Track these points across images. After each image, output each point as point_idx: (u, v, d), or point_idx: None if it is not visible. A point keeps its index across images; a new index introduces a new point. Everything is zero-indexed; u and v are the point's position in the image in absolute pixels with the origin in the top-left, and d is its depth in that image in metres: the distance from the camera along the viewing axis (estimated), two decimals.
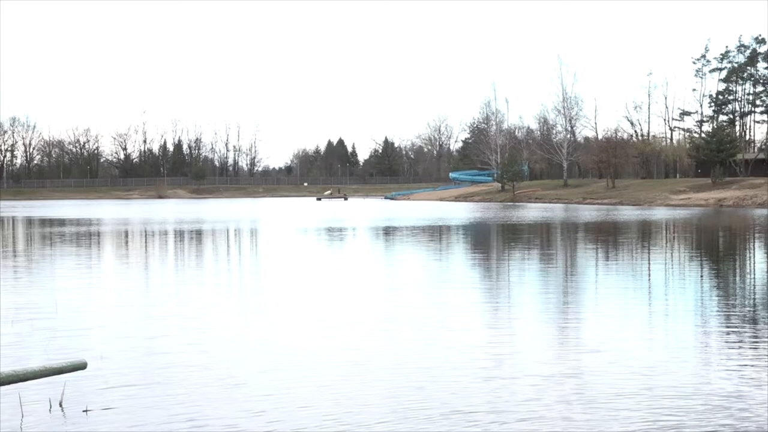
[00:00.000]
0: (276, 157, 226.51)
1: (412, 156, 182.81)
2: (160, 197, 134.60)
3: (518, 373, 9.99)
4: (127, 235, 40.14)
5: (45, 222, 52.84)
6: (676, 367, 10.17)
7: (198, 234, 39.72)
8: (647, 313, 15.12)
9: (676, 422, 7.68)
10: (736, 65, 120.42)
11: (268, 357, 10.85)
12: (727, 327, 12.94)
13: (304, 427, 7.58)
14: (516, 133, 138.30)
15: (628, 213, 62.13)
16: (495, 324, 13.83)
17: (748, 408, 8.15)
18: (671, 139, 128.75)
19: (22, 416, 7.52)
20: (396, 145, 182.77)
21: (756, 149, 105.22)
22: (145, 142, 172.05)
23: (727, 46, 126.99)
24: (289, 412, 8.08)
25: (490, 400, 8.67)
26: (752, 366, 10.16)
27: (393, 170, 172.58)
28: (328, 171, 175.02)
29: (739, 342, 11.64)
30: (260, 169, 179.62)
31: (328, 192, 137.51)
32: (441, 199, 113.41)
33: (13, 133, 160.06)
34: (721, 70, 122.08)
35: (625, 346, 11.56)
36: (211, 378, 9.47)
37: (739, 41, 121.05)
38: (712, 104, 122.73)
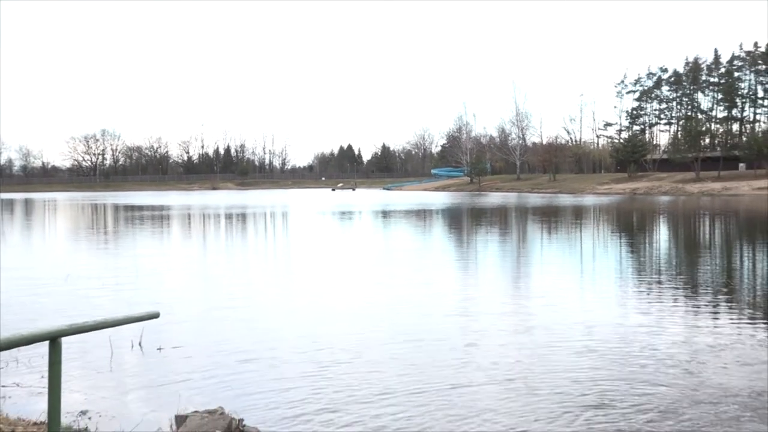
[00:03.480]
0: (301, 158, 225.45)
1: (403, 157, 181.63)
2: (214, 189, 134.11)
3: (476, 313, 10.04)
4: (189, 217, 40.07)
5: (128, 207, 52.76)
6: (602, 308, 10.21)
7: (243, 216, 39.65)
8: (579, 269, 15.16)
9: (603, 345, 7.66)
10: (646, 88, 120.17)
11: (289, 303, 10.82)
12: (640, 279, 12.96)
13: (301, 350, 7.65)
14: (481, 139, 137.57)
15: (565, 199, 62.12)
16: (463, 278, 13.81)
17: (658, 335, 8.12)
18: (598, 143, 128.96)
19: (112, 353, 7.54)
20: (391, 148, 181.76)
21: (661, 151, 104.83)
22: (202, 147, 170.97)
23: (639, 74, 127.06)
24: (291, 340, 8.04)
25: (453, 329, 8.70)
26: (659, 305, 10.19)
27: (389, 168, 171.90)
28: (340, 168, 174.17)
29: (648, 290, 11.64)
30: (289, 167, 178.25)
31: (340, 184, 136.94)
32: (425, 190, 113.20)
33: (104, 140, 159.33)
34: (635, 91, 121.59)
35: (562, 293, 11.59)
36: (247, 321, 9.48)
37: (648, 70, 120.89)
38: (628, 117, 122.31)
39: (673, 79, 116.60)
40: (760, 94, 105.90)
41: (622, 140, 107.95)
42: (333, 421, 5.46)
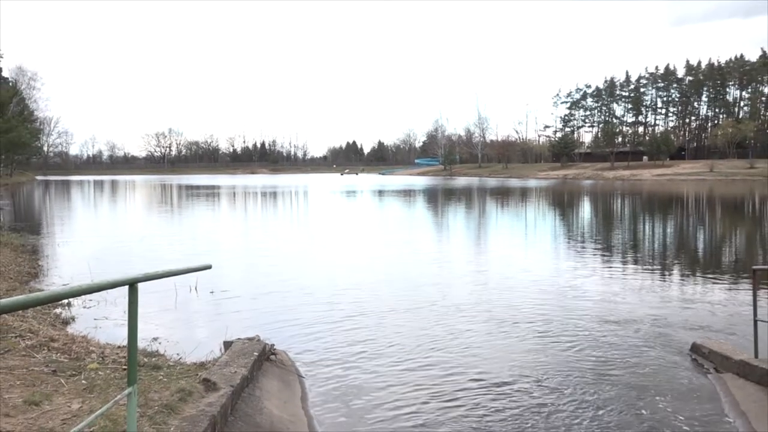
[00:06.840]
0: (317, 150, 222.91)
1: (394, 149, 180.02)
2: (253, 173, 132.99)
3: (445, 262, 10.08)
4: (234, 194, 39.82)
5: (188, 187, 52.38)
6: (540, 263, 10.12)
7: (275, 193, 39.43)
8: (523, 234, 15.11)
9: (540, 283, 7.57)
10: (575, 100, 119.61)
11: (308, 256, 10.76)
12: (570, 239, 12.92)
13: (318, 292, 7.52)
14: (452, 137, 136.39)
15: (515, 182, 62.02)
16: (436, 238, 13.75)
17: (583, 278, 8.09)
18: (539, 140, 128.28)
19: (176, 293, 7.50)
20: (385, 143, 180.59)
21: (585, 147, 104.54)
22: (244, 142, 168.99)
23: (570, 89, 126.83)
24: (311, 284, 7.98)
25: (426, 273, 8.57)
26: (584, 258, 10.16)
27: (383, 158, 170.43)
28: (347, 158, 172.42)
29: (574, 252, 11.61)
30: (309, 157, 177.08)
31: (347, 170, 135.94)
32: (410, 175, 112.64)
33: (170, 136, 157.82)
34: (566, 102, 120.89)
35: (509, 251, 11.55)
36: (277, 271, 9.40)
37: (577, 86, 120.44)
38: (561, 121, 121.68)
39: (595, 93, 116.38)
40: (659, 105, 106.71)
41: (556, 138, 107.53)
42: (337, 340, 5.46)
